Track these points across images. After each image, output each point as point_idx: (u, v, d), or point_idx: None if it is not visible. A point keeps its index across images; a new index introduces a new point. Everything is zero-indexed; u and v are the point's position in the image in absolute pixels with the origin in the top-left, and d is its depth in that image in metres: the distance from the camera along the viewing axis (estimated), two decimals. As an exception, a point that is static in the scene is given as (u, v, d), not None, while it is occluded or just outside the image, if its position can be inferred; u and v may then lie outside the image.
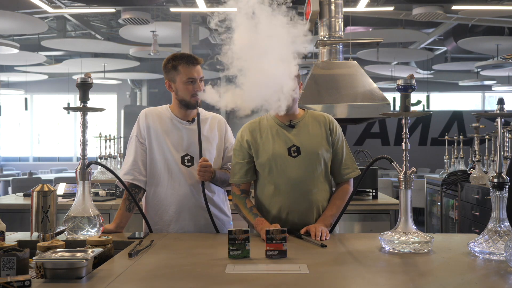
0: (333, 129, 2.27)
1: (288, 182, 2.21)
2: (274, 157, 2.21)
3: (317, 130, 2.26)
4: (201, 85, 2.35)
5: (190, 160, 2.36)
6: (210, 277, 1.52)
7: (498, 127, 1.78)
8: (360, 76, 3.82)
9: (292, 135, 2.24)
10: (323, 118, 2.30)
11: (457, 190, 5.24)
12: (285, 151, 2.22)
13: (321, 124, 2.28)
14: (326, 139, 2.26)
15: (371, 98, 3.65)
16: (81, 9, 7.20)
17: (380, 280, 1.51)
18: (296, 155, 2.21)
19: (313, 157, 2.22)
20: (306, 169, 2.21)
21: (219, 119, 2.51)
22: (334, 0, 3.96)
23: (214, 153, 2.42)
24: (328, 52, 4.00)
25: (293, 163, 2.21)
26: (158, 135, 2.37)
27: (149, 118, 2.40)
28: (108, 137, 5.95)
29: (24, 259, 1.54)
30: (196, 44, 7.58)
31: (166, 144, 2.36)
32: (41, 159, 13.69)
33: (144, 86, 12.90)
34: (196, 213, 2.36)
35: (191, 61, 2.32)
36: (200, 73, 2.35)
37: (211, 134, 2.44)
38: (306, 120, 2.28)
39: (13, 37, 8.79)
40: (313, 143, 2.23)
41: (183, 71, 2.31)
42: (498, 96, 2.47)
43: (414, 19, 6.58)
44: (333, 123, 2.30)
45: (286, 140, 2.23)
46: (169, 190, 2.36)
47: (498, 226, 1.73)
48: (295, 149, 2.21)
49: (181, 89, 2.34)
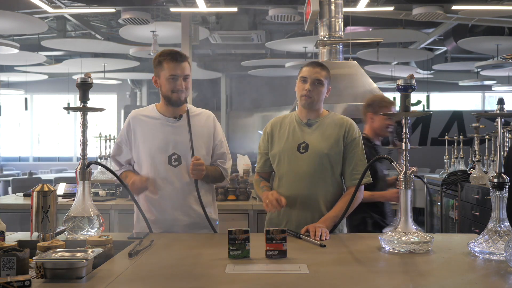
0: (348, 133, 2.33)
1: (291, 176, 2.31)
2: (284, 150, 2.33)
3: (332, 132, 2.33)
4: (185, 83, 2.34)
5: (177, 159, 2.35)
6: (210, 277, 1.52)
7: (498, 127, 1.78)
8: (360, 76, 3.83)
9: (306, 133, 2.34)
10: (342, 121, 2.37)
11: (457, 190, 5.24)
12: (295, 146, 2.32)
13: (338, 126, 2.34)
14: (339, 142, 2.32)
15: (371, 98, 3.65)
16: (81, 9, 7.20)
17: (380, 280, 1.51)
18: (304, 151, 2.30)
19: (320, 156, 2.28)
20: (311, 166, 2.28)
21: (208, 114, 2.51)
22: (334, 0, 3.97)
23: (204, 150, 2.42)
24: (328, 52, 4.00)
25: (300, 158, 2.30)
26: (144, 137, 2.38)
27: (136, 120, 2.41)
28: (108, 137, 5.95)
29: (24, 259, 1.54)
30: (196, 44, 7.57)
31: (153, 145, 2.36)
32: (41, 159, 13.68)
33: (144, 86, 12.89)
34: (185, 212, 2.36)
35: (175, 58, 2.32)
36: (184, 70, 2.33)
37: (202, 130, 2.43)
38: (325, 121, 2.37)
39: (13, 37, 8.78)
40: (323, 143, 2.30)
41: (167, 67, 2.32)
42: (498, 96, 2.47)
43: (414, 19, 6.57)
44: (351, 127, 2.35)
45: (299, 136, 2.34)
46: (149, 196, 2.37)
47: (498, 226, 1.73)
48: (304, 146, 2.31)
49: (164, 85, 2.35)
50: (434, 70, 11.35)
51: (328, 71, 2.36)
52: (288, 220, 2.32)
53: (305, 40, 8.36)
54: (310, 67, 2.33)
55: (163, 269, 1.60)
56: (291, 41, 8.65)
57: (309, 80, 2.31)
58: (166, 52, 2.36)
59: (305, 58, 9.30)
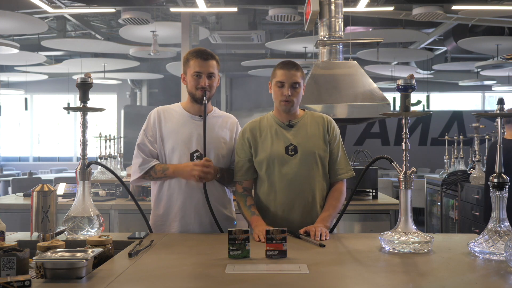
0: (330, 129, 2.32)
1: (283, 180, 2.26)
2: (272, 155, 2.26)
3: (315, 130, 2.31)
4: (210, 82, 2.34)
5: (199, 157, 2.34)
6: (210, 277, 1.52)
7: (498, 127, 1.78)
8: (360, 76, 3.82)
9: (290, 134, 2.29)
10: (322, 118, 2.35)
11: (457, 190, 5.24)
12: (283, 149, 2.27)
13: (319, 124, 2.32)
14: (323, 139, 2.30)
15: (371, 98, 3.65)
16: (81, 9, 7.19)
17: (380, 280, 1.51)
18: (293, 153, 2.26)
19: (310, 156, 2.26)
20: (302, 167, 2.25)
21: (232, 119, 2.52)
22: (334, 0, 3.96)
23: (224, 151, 2.41)
24: (328, 52, 4.00)
25: (290, 161, 2.26)
26: (168, 132, 2.38)
27: (161, 115, 2.41)
28: (108, 137, 5.95)
29: (24, 259, 1.54)
30: (196, 44, 7.57)
31: (176, 140, 2.36)
32: (41, 159, 13.68)
33: (144, 86, 12.90)
34: (201, 211, 2.35)
35: (201, 56, 2.33)
36: (209, 69, 2.33)
37: (222, 132, 2.43)
38: (305, 120, 2.33)
39: (13, 37, 8.77)
40: (310, 142, 2.28)
41: (193, 65, 2.34)
42: (498, 96, 2.47)
43: (414, 19, 6.57)
44: (331, 123, 2.34)
45: (284, 139, 2.28)
46: (176, 186, 2.36)
47: (498, 226, 1.73)
48: (293, 148, 2.26)
49: (189, 82, 2.37)
50: (434, 70, 11.35)
51: (301, 69, 2.31)
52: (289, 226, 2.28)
53: (305, 40, 8.36)
54: (285, 70, 2.25)
55: (163, 269, 1.60)
56: (291, 41, 8.65)
57: (286, 84, 2.24)
58: (194, 50, 2.38)
59: (305, 58, 9.30)
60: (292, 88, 2.24)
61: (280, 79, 2.25)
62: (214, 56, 2.37)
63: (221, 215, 2.38)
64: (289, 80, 2.24)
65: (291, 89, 2.24)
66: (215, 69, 2.36)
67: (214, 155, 2.36)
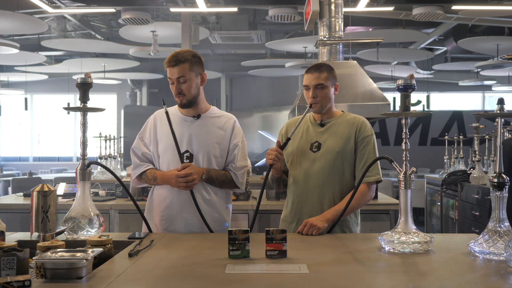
0: (360, 130, 2.36)
1: (302, 174, 2.35)
2: (297, 150, 2.39)
3: (345, 130, 2.36)
4: (184, 86, 2.32)
5: (189, 157, 2.37)
6: (210, 277, 1.52)
7: (498, 127, 1.78)
8: (360, 76, 3.82)
9: (319, 132, 2.39)
10: (355, 119, 2.40)
11: (457, 190, 5.24)
12: (308, 145, 2.38)
13: (350, 125, 2.38)
14: (351, 140, 2.35)
15: (371, 98, 3.65)
16: (81, 9, 7.20)
17: (380, 280, 1.51)
18: (316, 150, 2.35)
19: (332, 154, 2.32)
20: (323, 164, 2.32)
21: (229, 118, 2.50)
22: (334, 0, 3.97)
23: (217, 152, 2.41)
24: (328, 52, 4.00)
25: (312, 157, 2.35)
26: (162, 133, 2.41)
27: (157, 118, 2.47)
28: (108, 137, 5.96)
29: (24, 259, 1.54)
30: (196, 44, 7.57)
31: (168, 141, 2.37)
32: (41, 159, 13.68)
33: (144, 86, 12.90)
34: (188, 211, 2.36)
35: (169, 63, 2.33)
36: (177, 74, 2.31)
37: (217, 132, 2.43)
38: (338, 121, 2.40)
39: (13, 37, 8.77)
40: (335, 141, 2.34)
41: (168, 73, 2.36)
42: (498, 96, 2.47)
43: (414, 19, 6.57)
44: (362, 125, 2.38)
45: (312, 136, 2.39)
46: (167, 187, 2.38)
47: (498, 226, 1.73)
48: (317, 145, 2.36)
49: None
50: (434, 70, 11.35)
51: (329, 70, 2.36)
52: (300, 218, 2.34)
53: (305, 40, 8.36)
54: (309, 73, 2.37)
55: (163, 269, 1.60)
56: (291, 41, 8.65)
57: (310, 87, 2.34)
58: (168, 57, 2.37)
59: (305, 58, 9.30)
60: (316, 90, 2.33)
61: (305, 83, 2.38)
62: (186, 58, 2.32)
63: (212, 216, 2.37)
64: (312, 83, 2.34)
65: (315, 91, 2.34)
66: (186, 72, 2.31)
67: (205, 156, 2.37)
